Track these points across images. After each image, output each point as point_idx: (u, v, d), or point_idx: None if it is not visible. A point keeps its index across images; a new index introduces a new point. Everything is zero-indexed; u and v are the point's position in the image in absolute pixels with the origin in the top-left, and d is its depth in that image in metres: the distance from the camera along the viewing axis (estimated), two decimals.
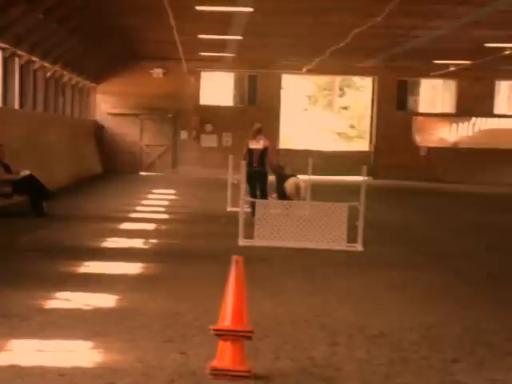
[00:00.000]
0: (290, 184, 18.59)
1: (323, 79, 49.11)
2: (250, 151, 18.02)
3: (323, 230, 14.38)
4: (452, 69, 35.11)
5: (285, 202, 15.59)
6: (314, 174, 19.52)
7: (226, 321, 6.36)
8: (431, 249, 15.12)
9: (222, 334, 6.35)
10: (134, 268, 11.71)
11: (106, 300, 9.32)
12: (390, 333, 8.18)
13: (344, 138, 51.89)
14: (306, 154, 33.96)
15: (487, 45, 27.60)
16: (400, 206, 24.91)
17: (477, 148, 38.40)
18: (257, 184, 18.10)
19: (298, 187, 18.43)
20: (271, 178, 19.07)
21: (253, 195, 17.95)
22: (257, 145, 18.01)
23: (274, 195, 18.85)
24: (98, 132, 37.77)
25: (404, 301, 9.94)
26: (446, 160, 38.22)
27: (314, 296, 10.05)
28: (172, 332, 7.88)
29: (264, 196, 18.03)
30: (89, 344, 7.32)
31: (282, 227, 14.40)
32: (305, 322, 8.54)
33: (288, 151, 38.71)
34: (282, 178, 19.12)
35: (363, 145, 42.00)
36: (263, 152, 17.92)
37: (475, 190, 33.46)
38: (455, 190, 33.39)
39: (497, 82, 38.90)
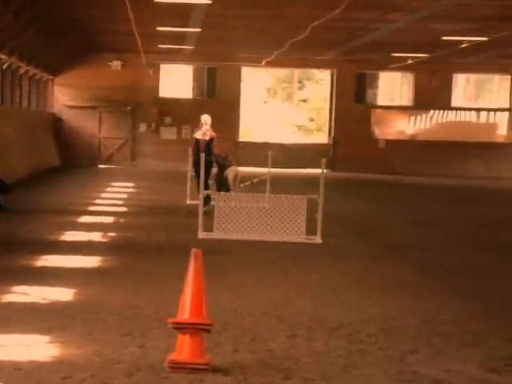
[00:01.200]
0: (231, 171, 19.60)
1: (282, 72, 49.16)
2: (197, 141, 18.97)
3: (282, 222, 14.41)
4: (410, 62, 35.34)
5: (243, 194, 15.59)
6: (273, 166, 19.57)
7: (185, 314, 6.35)
8: (390, 241, 15.23)
9: (181, 328, 6.34)
10: (92, 261, 11.63)
11: (63, 294, 9.24)
12: (348, 325, 8.22)
13: (303, 131, 52.01)
14: (266, 146, 34.03)
15: (444, 38, 27.81)
16: (359, 198, 25.06)
17: (434, 140, 38.74)
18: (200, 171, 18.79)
19: (236, 176, 19.48)
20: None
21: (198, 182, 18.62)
22: (203, 135, 18.91)
23: (211, 181, 19.23)
24: (56, 124, 37.41)
25: (362, 293, 10.00)
26: (404, 152, 38.49)
27: (273, 289, 10.06)
28: (130, 325, 7.84)
29: (205, 183, 18.49)
30: (46, 338, 7.25)
31: (242, 220, 14.41)
32: (264, 315, 8.55)
33: (247, 144, 38.74)
34: (223, 168, 19.78)
35: (322, 137, 42.14)
36: (209, 142, 18.79)
37: (433, 182, 33.76)
38: (413, 182, 33.66)
39: (454, 75, 39.25)
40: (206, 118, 19.11)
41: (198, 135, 19.02)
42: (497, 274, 12.05)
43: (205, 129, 18.95)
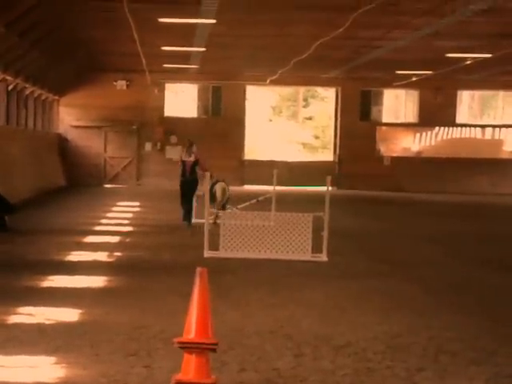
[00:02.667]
0: (219, 187, 20.53)
1: (287, 90, 49.27)
2: (184, 162, 20.36)
3: (288, 240, 14.40)
4: (414, 79, 35.41)
5: (249, 213, 15.60)
6: (278, 184, 19.59)
7: (191, 333, 6.33)
8: (395, 258, 15.20)
9: (187, 347, 6.32)
10: (98, 281, 11.63)
11: (69, 314, 9.23)
12: (354, 343, 8.20)
13: (308, 149, 52.05)
14: (271, 164, 34.04)
15: (448, 55, 27.89)
16: (364, 215, 25.03)
17: (440, 157, 38.73)
18: (188, 192, 20.40)
19: (224, 190, 20.52)
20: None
21: (183, 202, 20.30)
22: (189, 157, 20.32)
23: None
24: (62, 145, 37.53)
25: (369, 310, 9.98)
26: (409, 169, 38.49)
27: (280, 307, 10.05)
28: (136, 345, 7.84)
29: (190, 201, 20.25)
30: (52, 359, 7.25)
31: (247, 238, 14.41)
32: (270, 334, 8.54)
33: (252, 162, 38.78)
34: (212, 184, 20.31)
35: (327, 155, 42.17)
36: (194, 163, 20.23)
37: (438, 199, 33.72)
38: (418, 199, 33.62)
39: (458, 92, 39.30)
40: (190, 142, 20.60)
41: (185, 157, 20.32)
42: (502, 290, 12.02)
43: (190, 151, 20.31)
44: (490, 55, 27.09)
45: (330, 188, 14.71)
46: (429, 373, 7.16)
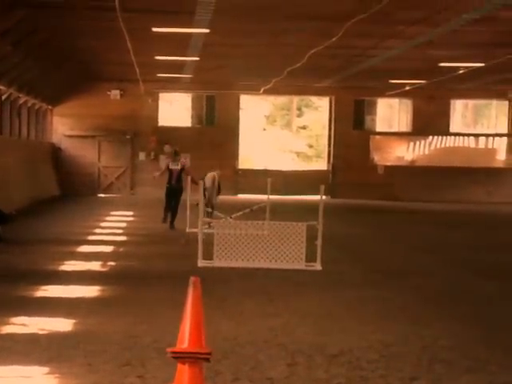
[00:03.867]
0: (207, 177, 21.17)
1: (281, 99, 49.33)
2: (170, 170, 21.28)
3: (282, 249, 14.41)
4: (408, 88, 35.48)
5: (243, 222, 15.59)
6: (272, 193, 19.58)
7: (184, 343, 6.29)
8: (389, 267, 15.21)
9: (180, 357, 6.28)
10: (91, 291, 11.61)
11: (63, 324, 9.22)
12: (348, 352, 8.19)
13: (302, 158, 52.10)
14: (265, 173, 34.05)
15: (442, 64, 27.95)
16: (358, 224, 25.04)
17: (433, 166, 38.79)
18: (173, 198, 21.39)
19: (214, 178, 21.30)
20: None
21: (168, 207, 21.49)
22: (176, 165, 21.23)
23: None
24: (56, 154, 37.49)
25: (363, 319, 9.97)
26: (403, 178, 38.54)
27: (274, 316, 10.03)
28: (130, 355, 7.82)
29: (176, 208, 21.26)
30: (45, 369, 7.23)
31: (241, 247, 14.40)
32: (264, 343, 8.52)
33: (247, 171, 38.79)
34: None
35: (321, 164, 42.20)
36: (181, 171, 21.11)
37: (432, 207, 33.75)
38: (412, 208, 33.65)
39: (452, 101, 39.40)
40: (176, 150, 22.01)
41: (172, 165, 21.30)
42: (496, 299, 12.02)
43: (177, 158, 21.42)
44: (482, 64, 27.16)
45: (323, 197, 14.73)
46: (423, 382, 7.16)
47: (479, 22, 19.54)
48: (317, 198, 15.93)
